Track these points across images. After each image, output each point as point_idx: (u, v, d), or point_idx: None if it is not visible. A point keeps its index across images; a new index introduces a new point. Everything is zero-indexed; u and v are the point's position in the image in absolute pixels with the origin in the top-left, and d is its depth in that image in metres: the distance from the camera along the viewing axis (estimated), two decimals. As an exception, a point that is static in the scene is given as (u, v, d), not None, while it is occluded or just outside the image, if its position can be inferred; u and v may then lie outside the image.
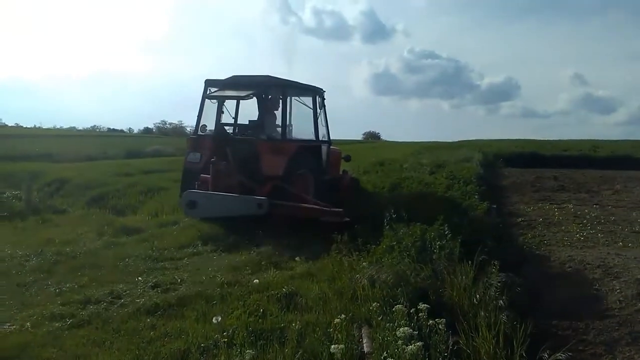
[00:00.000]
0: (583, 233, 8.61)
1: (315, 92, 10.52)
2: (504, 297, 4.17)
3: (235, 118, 10.31)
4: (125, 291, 5.80)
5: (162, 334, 4.54)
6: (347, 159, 12.31)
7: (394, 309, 3.87)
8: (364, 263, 5.53)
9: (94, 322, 4.90)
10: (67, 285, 6.07)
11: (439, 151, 24.54)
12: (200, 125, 9.77)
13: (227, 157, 8.97)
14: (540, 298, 5.25)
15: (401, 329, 3.37)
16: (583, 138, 38.55)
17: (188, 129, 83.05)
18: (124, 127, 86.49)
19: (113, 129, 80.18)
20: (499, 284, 4.46)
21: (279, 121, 9.73)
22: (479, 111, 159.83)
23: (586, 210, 10.92)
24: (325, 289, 5.31)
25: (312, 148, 10.08)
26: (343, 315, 4.02)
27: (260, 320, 4.59)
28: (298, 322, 4.41)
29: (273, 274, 6.18)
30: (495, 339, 3.39)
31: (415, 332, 3.41)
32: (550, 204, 12.13)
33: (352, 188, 11.15)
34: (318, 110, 10.44)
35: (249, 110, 10.39)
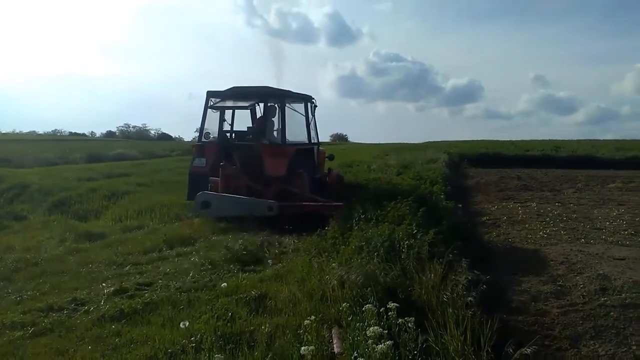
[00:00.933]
0: (546, 230, 8.81)
1: (307, 100, 11.63)
2: (471, 295, 4.22)
3: (232, 125, 11.38)
4: (88, 298, 5.65)
5: (127, 340, 4.43)
6: (331, 158, 13.34)
7: (363, 309, 3.87)
8: (333, 264, 5.51)
9: (56, 330, 4.76)
10: (28, 292, 5.90)
11: (406, 152, 24.83)
12: (204, 132, 10.78)
13: (233, 162, 9.85)
14: (507, 295, 5.34)
15: (371, 329, 3.37)
16: (545, 138, 39.68)
17: (152, 132, 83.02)
18: (86, 131, 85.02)
19: (75, 133, 78.39)
20: (466, 282, 4.50)
21: (276, 127, 10.80)
22: (444, 113, 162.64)
23: (549, 209, 11.19)
24: (294, 291, 5.28)
25: (306, 150, 11.28)
26: (313, 317, 3.98)
27: (228, 324, 4.52)
28: (267, 325, 4.38)
29: (242, 277, 6.11)
30: (463, 335, 3.42)
31: (385, 331, 3.41)
32: (514, 202, 12.39)
33: (338, 183, 12.28)
34: (310, 116, 11.59)
35: (238, 117, 11.57)
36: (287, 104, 10.75)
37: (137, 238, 8.70)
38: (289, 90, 11.15)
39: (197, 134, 11.88)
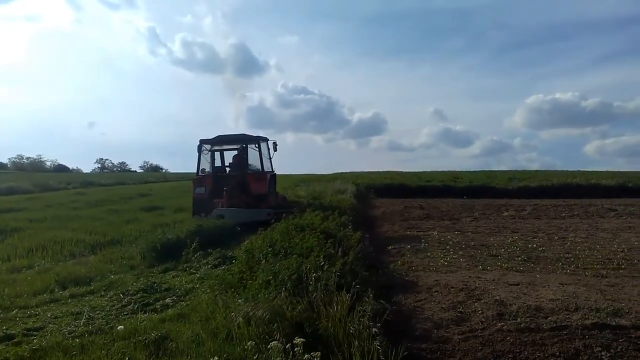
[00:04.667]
0: (447, 258, 9.17)
1: (267, 141, 15.90)
2: (377, 325, 4.24)
3: (212, 163, 15.64)
4: (-34, 348, 5.08)
5: (10, 394, 4.01)
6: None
7: (269, 346, 3.76)
8: (239, 300, 5.34)
9: None
10: None
11: (315, 183, 25.15)
12: (200, 169, 15.28)
13: (232, 186, 14.16)
14: (411, 322, 5.43)
15: (276, 367, 3.27)
16: (444, 170, 41.76)
17: (48, 163, 78.44)
18: (-28, 164, 78.54)
19: (-41, 166, 72.03)
20: (372, 312, 4.53)
21: (251, 161, 15.31)
22: (351, 145, 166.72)
23: (449, 237, 11.70)
24: (198, 330, 5.04)
25: (272, 176, 15.79)
26: (217, 357, 3.82)
27: (125, 369, 4.22)
28: (168, 369, 4.13)
29: (141, 318, 5.76)
30: (369, 367, 3.41)
31: (291, 369, 3.33)
32: (417, 231, 12.84)
33: (284, 201, 16.26)
34: (271, 152, 15.87)
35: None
36: (259, 144, 15.14)
37: (26, 279, 8.04)
38: (260, 136, 15.59)
39: (97, 165, 16.10)
